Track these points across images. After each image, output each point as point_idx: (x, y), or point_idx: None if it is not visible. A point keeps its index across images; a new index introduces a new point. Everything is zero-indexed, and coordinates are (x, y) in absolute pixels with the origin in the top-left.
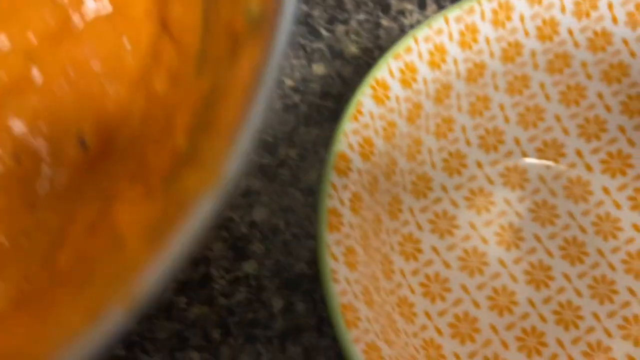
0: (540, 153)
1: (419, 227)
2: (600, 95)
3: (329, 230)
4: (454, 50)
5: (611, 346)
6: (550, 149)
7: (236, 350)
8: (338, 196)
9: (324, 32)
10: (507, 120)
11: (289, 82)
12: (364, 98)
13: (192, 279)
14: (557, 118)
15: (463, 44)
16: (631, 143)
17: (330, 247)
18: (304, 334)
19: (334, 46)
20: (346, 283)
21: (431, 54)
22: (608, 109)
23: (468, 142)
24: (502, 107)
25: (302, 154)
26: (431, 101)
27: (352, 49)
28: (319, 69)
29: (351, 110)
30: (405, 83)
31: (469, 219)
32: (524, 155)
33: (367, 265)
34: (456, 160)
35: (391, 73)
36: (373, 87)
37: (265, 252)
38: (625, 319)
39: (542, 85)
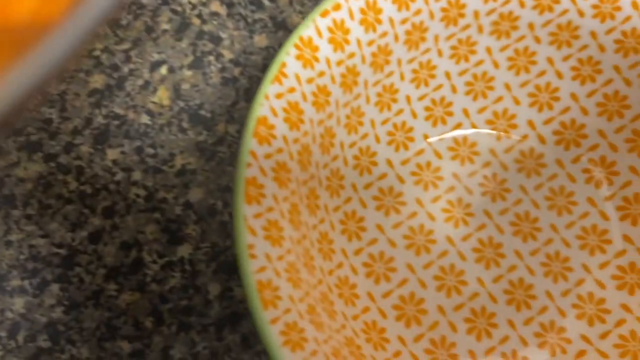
0: (491, 125)
1: (363, 205)
2: (550, 61)
3: (247, 201)
4: (388, 8)
5: (565, 326)
6: (501, 121)
7: (169, 339)
8: (258, 165)
9: (266, 2)
10: (454, 90)
11: (228, 55)
12: (287, 58)
13: (123, 264)
14: (507, 87)
15: (398, 3)
16: (584, 111)
17: (248, 220)
18: (242, 320)
19: (277, 17)
20: (266, 259)
21: (363, 12)
22: (559, 75)
23: (414, 114)
24: (448, 76)
25: (242, 130)
26: (369, 67)
27: (296, 19)
28: (260, 40)
29: (273, 71)
30: (336, 44)
31: (415, 195)
32: (474, 127)
33: (297, 243)
34: (402, 134)
35: (319, 32)
36: (298, 47)
37: (201, 234)
38: (580, 298)
39: (488, 51)
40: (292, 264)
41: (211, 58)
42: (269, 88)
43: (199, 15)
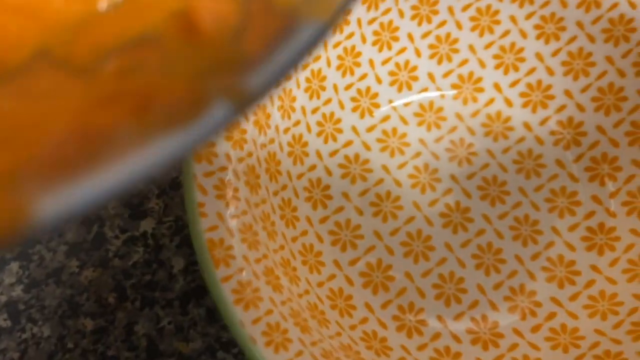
0: (457, 89)
1: (328, 173)
2: (513, 20)
3: (196, 159)
4: None
5: (535, 289)
6: (467, 84)
7: (133, 315)
8: None
9: None
10: (418, 53)
11: None
12: None
13: (85, 240)
14: (472, 49)
15: None
16: (550, 71)
17: (198, 178)
18: (207, 294)
19: None
20: (217, 218)
21: None
22: (523, 34)
23: (378, 79)
24: (411, 38)
25: None
26: None
27: None
28: None
29: None
30: None
31: (382, 162)
32: (439, 91)
33: (255, 206)
34: (366, 99)
35: None
36: None
37: (163, 208)
38: (550, 260)
39: (450, 11)
40: (249, 225)
41: None
42: None
43: None
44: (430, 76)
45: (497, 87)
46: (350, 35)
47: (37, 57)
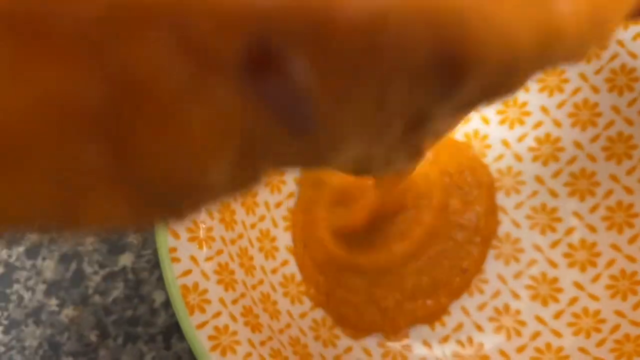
0: None
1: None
2: None
3: None
4: None
5: (519, 309)
6: None
7: (116, 352)
8: None
9: None
10: None
11: None
12: None
13: (63, 277)
14: None
15: None
16: (525, 89)
17: None
18: None
19: None
20: (192, 262)
21: None
22: None
23: None
24: None
25: None
26: None
27: None
28: None
29: None
30: None
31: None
32: None
33: (231, 243)
34: None
35: None
36: None
37: (142, 242)
38: (533, 278)
39: None
40: (225, 265)
41: None
42: None
43: None
44: None
45: None
46: None
47: None
